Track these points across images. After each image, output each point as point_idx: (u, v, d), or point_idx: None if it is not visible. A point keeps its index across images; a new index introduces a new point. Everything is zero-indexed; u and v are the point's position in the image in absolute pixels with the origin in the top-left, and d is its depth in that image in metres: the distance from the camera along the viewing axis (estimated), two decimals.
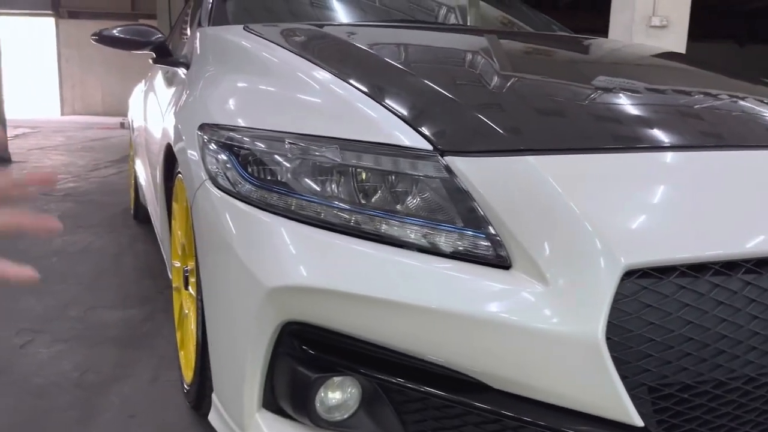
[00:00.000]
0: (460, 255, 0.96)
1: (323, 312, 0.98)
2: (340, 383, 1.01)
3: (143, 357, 1.81)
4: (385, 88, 1.22)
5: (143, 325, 2.06)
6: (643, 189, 1.02)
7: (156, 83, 2.47)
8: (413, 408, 0.99)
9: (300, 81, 1.30)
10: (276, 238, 1.02)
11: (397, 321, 0.93)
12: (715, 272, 0.93)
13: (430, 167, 1.01)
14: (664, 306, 0.90)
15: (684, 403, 0.93)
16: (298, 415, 1.02)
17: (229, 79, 1.45)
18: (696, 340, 0.91)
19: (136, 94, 3.54)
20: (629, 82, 1.48)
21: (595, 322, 0.87)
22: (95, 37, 1.92)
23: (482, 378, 0.94)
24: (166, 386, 1.64)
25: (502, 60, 1.66)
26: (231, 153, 1.15)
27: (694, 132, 1.19)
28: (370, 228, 1.00)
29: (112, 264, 2.75)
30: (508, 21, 2.66)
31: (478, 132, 1.06)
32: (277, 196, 1.06)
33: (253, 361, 1.04)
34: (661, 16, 4.60)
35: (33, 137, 9.01)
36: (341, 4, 2.33)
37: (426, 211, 1.00)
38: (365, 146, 1.06)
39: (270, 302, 0.99)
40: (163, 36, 1.91)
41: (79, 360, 1.78)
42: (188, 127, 1.33)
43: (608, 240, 0.91)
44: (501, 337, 0.89)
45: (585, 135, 1.10)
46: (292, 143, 1.09)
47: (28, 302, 2.23)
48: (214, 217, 1.12)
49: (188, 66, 1.81)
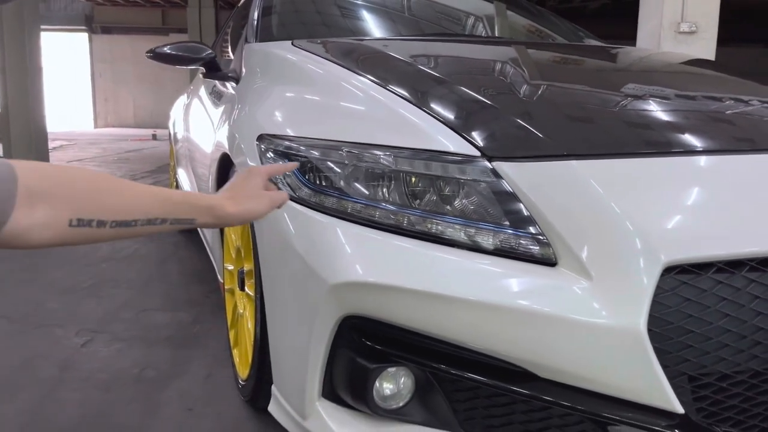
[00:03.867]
0: (509, 253, 1.03)
1: (380, 306, 1.06)
2: (395, 373, 1.09)
3: (196, 355, 1.91)
4: (430, 97, 1.30)
5: (193, 326, 2.17)
6: (680, 191, 1.08)
7: (202, 96, 2.59)
8: (463, 397, 1.06)
9: (348, 92, 1.39)
10: (336, 238, 1.10)
11: (451, 314, 1.01)
12: (751, 268, 0.99)
13: (478, 171, 1.08)
14: (702, 300, 0.96)
15: (722, 392, 0.99)
16: (356, 403, 1.10)
17: (281, 92, 1.55)
18: (733, 332, 0.97)
19: (177, 107, 3.67)
20: (661, 89, 1.54)
21: (638, 314, 0.94)
22: (150, 54, 2.04)
23: (531, 368, 1.00)
24: (220, 382, 1.74)
25: (537, 70, 1.74)
26: (289, 161, 1.24)
27: (727, 136, 1.25)
28: (422, 228, 1.08)
29: (159, 270, 2.87)
30: (538, 30, 2.72)
31: (523, 138, 1.13)
32: (335, 200, 1.14)
33: (314, 353, 1.12)
34: (690, 22, 4.60)
35: (70, 149, 9.30)
36: (378, 19, 2.43)
37: (475, 212, 1.07)
38: (416, 152, 1.14)
39: (331, 297, 1.07)
40: (213, 52, 2.02)
41: (138, 358, 1.89)
42: (246, 137, 1.43)
43: (648, 238, 0.97)
44: (550, 329, 0.96)
45: (623, 141, 1.17)
46: (348, 151, 1.18)
47: (87, 305, 2.36)
48: (276, 221, 1.21)
49: (237, 80, 1.92)
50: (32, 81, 6.36)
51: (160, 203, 0.76)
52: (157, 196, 0.76)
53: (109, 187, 0.72)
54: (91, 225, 0.68)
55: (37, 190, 0.63)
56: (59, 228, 0.65)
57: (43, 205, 0.63)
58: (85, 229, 0.67)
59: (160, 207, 0.76)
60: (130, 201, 0.73)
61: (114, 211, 0.70)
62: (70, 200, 0.66)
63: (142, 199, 0.74)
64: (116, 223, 0.70)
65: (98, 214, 0.68)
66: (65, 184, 0.66)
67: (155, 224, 0.75)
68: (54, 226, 0.64)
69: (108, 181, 0.72)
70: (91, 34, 15.83)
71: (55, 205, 0.64)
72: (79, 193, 0.67)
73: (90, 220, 0.67)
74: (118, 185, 0.73)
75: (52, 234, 0.65)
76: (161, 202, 0.76)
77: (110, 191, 0.71)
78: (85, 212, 0.67)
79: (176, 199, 0.79)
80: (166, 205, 0.77)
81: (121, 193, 0.72)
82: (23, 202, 0.61)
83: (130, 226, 0.72)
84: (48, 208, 0.63)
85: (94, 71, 16.08)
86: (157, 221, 0.75)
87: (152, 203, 0.75)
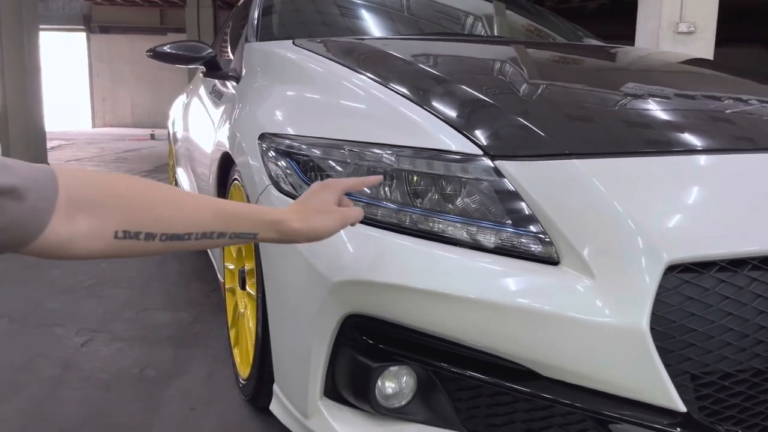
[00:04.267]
0: (511, 252, 1.03)
1: (382, 305, 1.06)
2: (397, 372, 1.09)
3: (197, 355, 1.91)
4: (431, 95, 1.30)
5: (193, 326, 2.16)
6: (682, 189, 1.08)
7: (202, 96, 2.59)
8: (466, 395, 1.06)
9: (349, 90, 1.39)
10: (338, 236, 1.10)
11: (453, 313, 1.01)
12: (753, 267, 0.99)
13: (480, 170, 1.09)
14: (704, 298, 0.97)
15: (724, 390, 0.99)
16: (358, 402, 1.10)
17: (282, 91, 1.55)
18: (735, 330, 0.97)
19: (177, 107, 3.67)
20: (661, 88, 1.54)
21: (640, 313, 0.94)
22: (150, 53, 2.04)
23: (533, 366, 1.00)
24: (221, 382, 1.74)
25: (538, 69, 1.74)
26: (291, 159, 1.24)
27: (727, 136, 1.25)
28: (424, 227, 1.08)
29: (159, 269, 2.87)
30: (538, 30, 2.72)
31: (525, 137, 1.13)
32: None
33: (316, 352, 1.12)
34: (688, 22, 4.60)
35: (68, 149, 9.29)
36: (379, 19, 2.43)
37: (477, 211, 1.07)
38: (418, 151, 1.14)
39: (333, 296, 1.07)
40: (213, 51, 2.02)
41: (138, 357, 1.89)
42: (247, 136, 1.43)
43: (651, 237, 0.97)
44: (553, 327, 0.96)
45: (624, 140, 1.17)
46: (350, 150, 1.18)
47: (87, 305, 2.35)
48: None
49: (238, 79, 1.92)
50: (31, 81, 6.35)
51: (218, 215, 0.72)
52: (214, 208, 0.72)
53: (160, 197, 0.68)
54: (139, 238, 0.64)
55: (80, 200, 0.60)
56: (104, 240, 0.62)
57: (86, 216, 0.61)
58: (132, 242, 0.64)
59: (218, 220, 0.71)
60: (183, 212, 0.69)
61: (164, 223, 0.66)
62: (115, 211, 0.63)
63: (197, 211, 0.70)
64: (167, 237, 0.66)
65: (147, 227, 0.65)
66: (111, 194, 0.63)
67: (212, 238, 0.71)
68: (98, 238, 0.62)
69: (158, 191, 0.68)
70: (89, 34, 15.82)
71: (100, 216, 0.62)
72: (126, 203, 0.64)
73: (137, 233, 0.64)
74: (171, 195, 0.69)
75: (96, 246, 0.62)
76: (219, 215, 0.72)
77: (160, 201, 0.67)
78: (132, 224, 0.64)
79: (238, 211, 0.75)
80: (226, 218, 0.72)
81: (173, 204, 0.68)
82: (63, 211, 0.59)
83: (182, 239, 0.68)
84: (91, 218, 0.61)
85: (92, 71, 16.06)
86: (214, 235, 0.71)
87: (209, 215, 0.71)
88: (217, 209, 0.72)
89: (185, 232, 0.68)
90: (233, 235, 0.73)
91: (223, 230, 0.72)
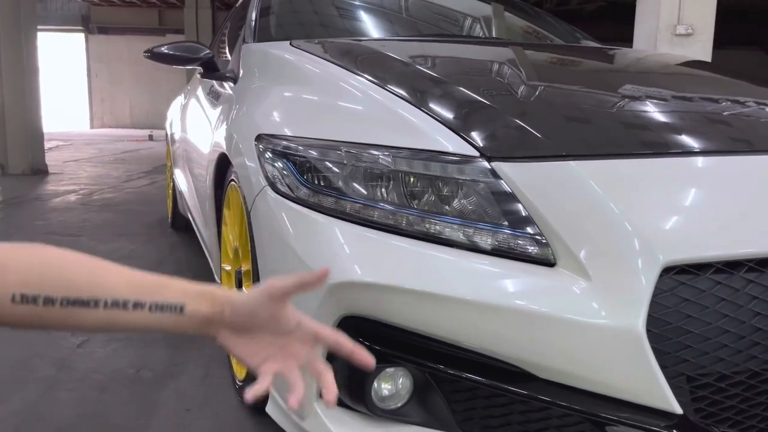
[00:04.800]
0: (507, 253, 1.03)
1: (379, 306, 1.06)
2: (393, 374, 1.09)
3: (193, 356, 1.91)
4: (429, 97, 1.30)
5: None
6: (678, 191, 1.08)
7: (199, 97, 2.58)
8: (462, 397, 1.06)
9: (346, 92, 1.39)
10: (334, 237, 1.10)
11: (449, 315, 1.01)
12: (749, 269, 0.99)
13: (476, 172, 1.08)
14: (700, 300, 0.97)
15: (720, 392, 0.99)
16: (354, 404, 1.10)
17: (280, 92, 1.55)
18: (731, 332, 0.97)
19: (175, 107, 3.66)
20: (658, 90, 1.55)
21: (637, 315, 0.94)
22: (147, 53, 2.04)
23: (529, 368, 1.00)
24: (217, 383, 1.73)
25: (535, 71, 1.74)
26: (288, 161, 1.23)
27: (724, 138, 1.25)
28: (421, 228, 1.08)
29: (155, 270, 2.84)
30: (535, 32, 2.73)
31: (522, 139, 1.13)
32: (333, 200, 1.14)
33: None
34: (686, 24, 4.60)
35: (66, 150, 9.28)
36: (376, 20, 2.43)
37: (473, 212, 1.07)
38: (414, 152, 1.14)
39: (329, 297, 1.07)
40: (211, 52, 2.02)
41: (134, 358, 1.88)
42: (244, 137, 1.43)
43: (647, 239, 0.97)
44: (549, 329, 0.96)
45: (621, 141, 1.17)
46: (346, 151, 1.18)
47: None
48: (275, 220, 1.21)
49: (235, 80, 1.92)
50: (29, 81, 6.34)
51: (136, 283, 0.61)
52: (133, 275, 0.62)
53: (70, 260, 0.59)
54: (37, 302, 0.56)
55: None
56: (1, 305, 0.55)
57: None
58: (31, 308, 0.56)
59: (133, 287, 0.61)
60: (91, 275, 0.59)
61: (66, 284, 0.57)
62: (15, 272, 0.56)
63: (110, 276, 0.60)
64: (68, 301, 0.57)
65: (47, 289, 0.56)
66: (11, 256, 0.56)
67: (126, 309, 0.59)
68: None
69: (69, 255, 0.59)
70: (87, 35, 15.80)
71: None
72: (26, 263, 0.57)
73: (36, 296, 0.56)
74: (83, 259, 0.60)
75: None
76: (138, 283, 0.61)
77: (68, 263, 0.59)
78: (32, 286, 0.56)
79: (162, 281, 0.63)
80: (146, 287, 0.61)
81: (83, 266, 0.59)
82: None
83: (87, 306, 0.58)
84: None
85: (90, 71, 16.04)
86: (129, 305, 0.60)
87: (123, 281, 0.61)
88: (137, 277, 0.62)
89: (91, 297, 0.58)
90: (154, 307, 0.61)
91: (140, 299, 0.61)
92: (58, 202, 4.64)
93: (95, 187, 5.45)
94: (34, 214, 4.18)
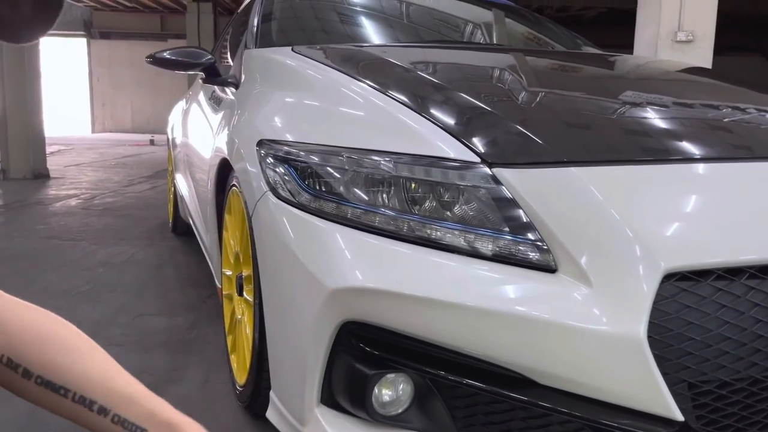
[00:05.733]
0: (508, 259, 1.03)
1: (379, 312, 1.06)
2: (393, 380, 1.08)
3: (193, 361, 1.90)
4: (430, 103, 1.31)
5: (190, 331, 2.16)
6: (679, 198, 1.08)
7: (201, 102, 2.59)
8: (463, 403, 1.06)
9: (348, 97, 1.39)
10: (336, 243, 1.10)
11: (450, 321, 1.00)
12: (751, 276, 0.99)
13: (478, 178, 1.09)
14: (702, 307, 0.96)
15: (722, 399, 0.99)
16: (355, 409, 1.10)
17: (281, 97, 1.55)
18: (733, 339, 0.97)
19: (176, 112, 3.67)
20: (659, 97, 1.55)
21: (638, 321, 0.94)
22: (149, 58, 2.04)
23: (530, 374, 1.00)
24: (217, 388, 1.73)
25: (536, 77, 1.74)
26: (289, 166, 1.24)
27: (725, 144, 1.25)
28: (422, 234, 1.08)
29: (155, 274, 2.87)
30: (536, 38, 2.73)
31: (523, 145, 1.13)
32: (334, 205, 1.14)
33: (313, 359, 1.12)
34: (687, 30, 4.62)
35: (68, 154, 9.29)
36: (378, 26, 2.43)
37: (475, 218, 1.07)
38: (415, 158, 1.14)
39: (331, 303, 1.07)
40: (213, 58, 2.02)
41: (134, 363, 1.88)
42: (245, 143, 1.43)
43: (648, 245, 0.97)
44: (550, 335, 0.96)
45: (622, 148, 1.18)
46: (348, 156, 1.18)
47: (83, 310, 2.35)
48: (276, 226, 1.21)
49: (237, 86, 1.92)
50: (30, 86, 6.35)
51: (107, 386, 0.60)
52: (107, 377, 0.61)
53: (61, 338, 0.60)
54: (18, 371, 0.57)
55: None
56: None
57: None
58: (11, 374, 0.57)
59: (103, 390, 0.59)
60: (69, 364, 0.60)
61: (44, 364, 0.58)
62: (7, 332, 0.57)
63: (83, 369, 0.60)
64: (42, 381, 0.59)
65: (27, 361, 0.58)
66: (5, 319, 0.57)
67: (91, 409, 0.60)
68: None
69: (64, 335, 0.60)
70: (89, 39, 15.86)
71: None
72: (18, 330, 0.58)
73: (17, 365, 0.57)
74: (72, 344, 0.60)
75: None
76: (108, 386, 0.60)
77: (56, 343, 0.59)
78: (16, 353, 0.57)
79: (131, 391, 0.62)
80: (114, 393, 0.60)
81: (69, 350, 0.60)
82: None
83: (58, 392, 0.60)
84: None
85: (92, 76, 16.09)
86: (94, 407, 0.60)
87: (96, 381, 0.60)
88: (117, 380, 0.61)
89: (62, 384, 0.59)
90: (117, 419, 0.61)
91: (106, 405, 0.61)
92: (59, 207, 4.64)
93: (96, 191, 5.46)
94: (35, 218, 4.19)
